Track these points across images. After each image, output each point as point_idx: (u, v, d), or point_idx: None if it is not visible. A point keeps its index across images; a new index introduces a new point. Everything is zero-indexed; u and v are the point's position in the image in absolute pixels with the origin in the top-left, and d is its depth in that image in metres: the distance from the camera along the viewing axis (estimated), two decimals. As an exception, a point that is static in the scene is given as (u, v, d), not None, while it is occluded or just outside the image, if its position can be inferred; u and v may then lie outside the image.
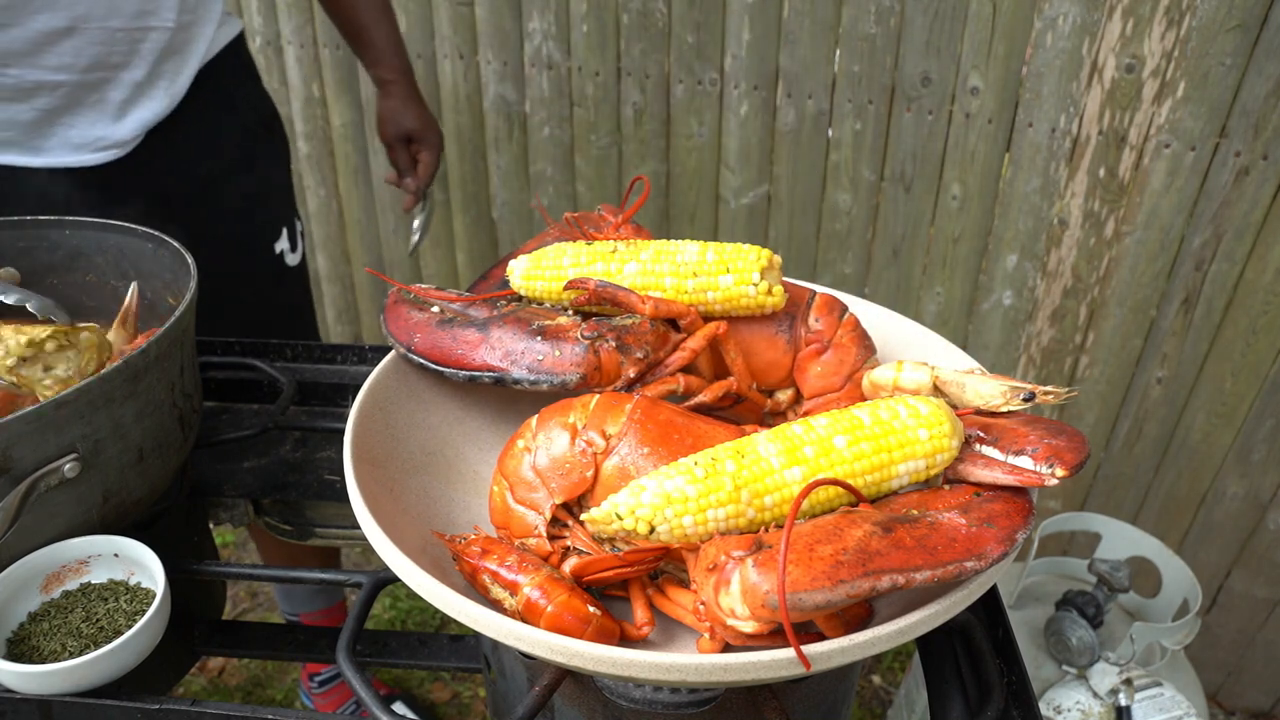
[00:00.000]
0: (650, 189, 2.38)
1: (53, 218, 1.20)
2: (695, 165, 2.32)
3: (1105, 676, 1.71)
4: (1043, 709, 1.73)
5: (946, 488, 0.78)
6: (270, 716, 0.86)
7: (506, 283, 1.04)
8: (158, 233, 1.16)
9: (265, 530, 1.32)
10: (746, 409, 0.98)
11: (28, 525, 0.88)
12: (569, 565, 0.80)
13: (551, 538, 0.82)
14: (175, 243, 1.13)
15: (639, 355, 0.89)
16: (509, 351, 0.90)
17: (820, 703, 0.86)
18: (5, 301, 1.13)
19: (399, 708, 2.26)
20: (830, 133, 2.14)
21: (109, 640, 0.86)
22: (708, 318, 0.94)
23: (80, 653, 0.86)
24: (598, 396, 0.86)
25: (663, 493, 0.72)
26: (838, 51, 2.04)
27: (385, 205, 2.80)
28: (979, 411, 0.83)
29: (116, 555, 0.95)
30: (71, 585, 0.94)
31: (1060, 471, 0.72)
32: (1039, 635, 1.82)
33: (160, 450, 1.01)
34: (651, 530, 0.72)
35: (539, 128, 2.45)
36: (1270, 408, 1.97)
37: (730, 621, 0.66)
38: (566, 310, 0.98)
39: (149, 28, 1.40)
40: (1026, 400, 0.81)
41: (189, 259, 1.09)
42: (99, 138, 1.42)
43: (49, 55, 1.33)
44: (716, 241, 0.95)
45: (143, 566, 0.94)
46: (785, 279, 0.98)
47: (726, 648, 0.72)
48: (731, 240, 0.97)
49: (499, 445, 0.91)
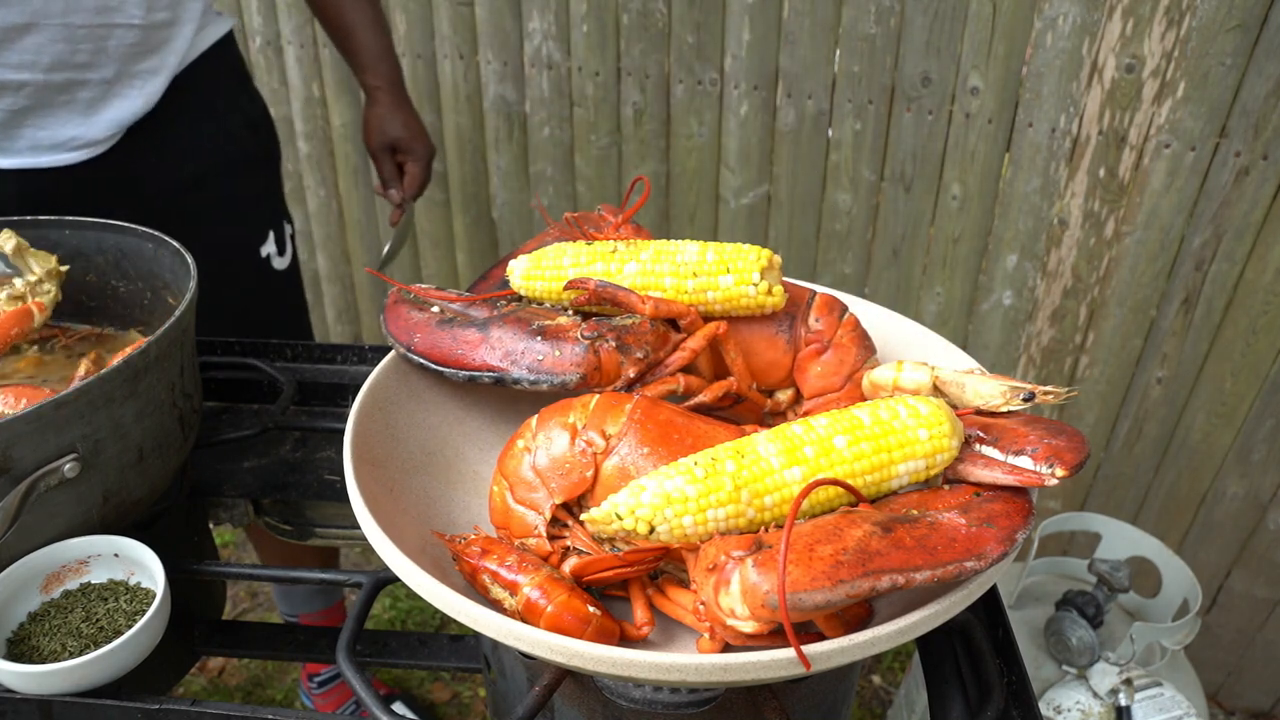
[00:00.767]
0: (650, 189, 2.38)
1: (52, 218, 1.20)
2: (695, 165, 2.32)
3: (1105, 676, 1.71)
4: (1043, 709, 1.73)
5: (946, 488, 0.78)
6: (270, 716, 0.86)
7: (506, 283, 1.04)
8: (157, 233, 1.16)
9: (264, 530, 1.32)
10: (746, 409, 0.98)
11: (28, 525, 0.88)
12: (569, 565, 0.80)
13: (551, 538, 0.82)
14: (175, 243, 1.13)
15: (639, 355, 0.89)
16: (509, 351, 0.90)
17: (820, 703, 0.86)
18: None
19: (399, 708, 2.26)
20: (830, 133, 2.14)
21: (109, 640, 0.86)
22: (708, 318, 0.94)
23: (80, 653, 0.86)
24: (598, 396, 0.86)
25: (663, 493, 0.72)
26: (838, 51, 2.04)
27: (385, 205, 2.80)
28: (979, 411, 0.83)
29: (116, 555, 0.95)
30: (71, 585, 0.94)
31: (1060, 471, 0.72)
32: (1039, 635, 1.82)
33: (160, 450, 1.01)
34: (651, 530, 0.72)
35: (539, 128, 2.45)
36: (1270, 408, 1.97)
37: (730, 621, 0.66)
38: (566, 310, 0.98)
39: (113, 25, 1.37)
40: (1026, 400, 0.81)
41: (189, 259, 1.09)
42: (71, 138, 1.40)
43: (9, 53, 1.30)
44: (716, 241, 0.95)
45: (143, 566, 0.94)
46: (785, 279, 0.98)
47: (726, 648, 0.72)
48: (731, 240, 0.97)
49: (499, 445, 0.91)
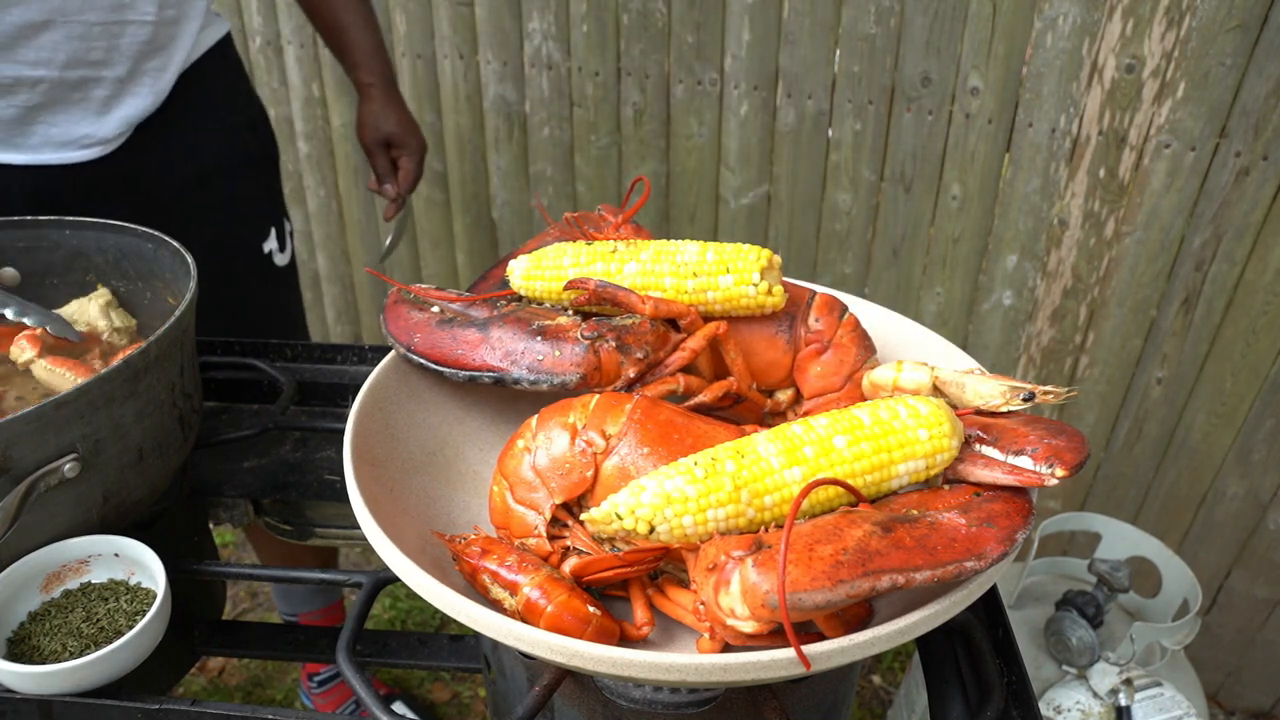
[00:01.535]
0: (650, 189, 2.38)
1: (53, 218, 1.20)
2: (695, 165, 2.32)
3: (1105, 676, 1.71)
4: (1043, 709, 1.73)
5: (946, 488, 0.78)
6: (270, 716, 0.86)
7: (506, 283, 1.04)
8: (157, 233, 1.16)
9: (263, 530, 1.32)
10: (746, 409, 0.98)
11: (28, 525, 0.88)
12: (569, 565, 0.80)
13: (551, 538, 0.82)
14: (175, 243, 1.13)
15: (639, 355, 0.89)
16: (509, 351, 0.90)
17: (820, 703, 0.86)
18: (5, 314, 1.13)
19: (399, 708, 2.26)
20: (830, 133, 2.14)
21: (109, 640, 0.86)
22: (708, 318, 0.94)
23: (80, 653, 0.86)
24: (598, 396, 0.86)
25: (663, 493, 0.72)
26: (838, 52, 2.04)
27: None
28: (979, 411, 0.83)
29: (117, 555, 0.95)
30: (72, 585, 0.94)
31: (1060, 471, 0.72)
32: (1039, 635, 1.82)
33: (160, 450, 1.01)
34: (651, 530, 0.72)
35: (539, 128, 2.45)
36: (1270, 408, 1.97)
37: (730, 621, 0.66)
38: (566, 310, 0.98)
39: (126, 22, 1.38)
40: (1026, 400, 0.81)
41: (189, 259, 1.09)
42: (83, 135, 1.41)
43: (26, 50, 1.31)
44: (716, 241, 0.95)
45: (143, 566, 0.94)
46: (785, 279, 0.98)
47: (726, 648, 0.72)
48: (731, 240, 0.97)
49: (499, 445, 0.91)
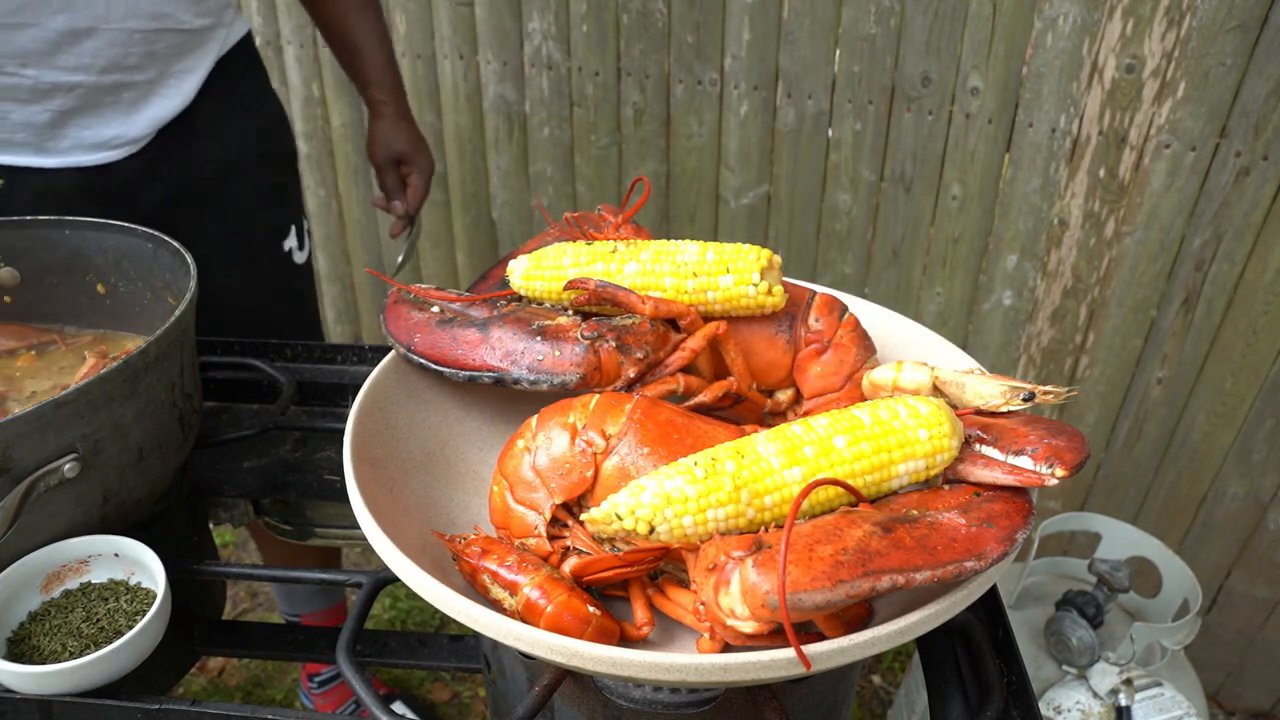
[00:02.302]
0: (650, 189, 2.38)
1: (52, 218, 1.20)
2: (695, 165, 2.32)
3: (1105, 676, 1.71)
4: (1043, 709, 1.73)
5: (946, 488, 0.78)
6: (270, 716, 0.86)
7: (506, 283, 1.04)
8: (157, 233, 1.16)
9: (265, 530, 1.32)
10: (746, 409, 0.98)
11: (28, 525, 0.88)
12: (569, 565, 0.80)
13: (551, 538, 0.82)
14: (175, 243, 1.13)
15: (639, 355, 0.89)
16: (509, 351, 0.90)
17: (820, 703, 0.86)
18: None
19: (399, 708, 2.26)
20: (830, 133, 2.14)
21: (109, 640, 0.86)
22: (708, 318, 0.94)
23: (80, 653, 0.86)
24: (598, 396, 0.86)
25: (663, 493, 0.72)
26: (838, 51, 2.04)
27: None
28: (979, 411, 0.83)
29: (117, 555, 0.95)
30: (72, 585, 0.94)
31: (1060, 471, 0.72)
32: (1039, 635, 1.82)
33: (160, 450, 1.01)
34: (651, 530, 0.72)
35: (539, 128, 2.45)
36: (1270, 408, 1.97)
37: (730, 622, 0.66)
38: (566, 310, 0.98)
39: (165, 29, 1.39)
40: (1026, 400, 0.81)
41: (189, 259, 1.09)
42: (113, 136, 1.42)
43: (67, 56, 1.32)
44: (716, 241, 0.95)
45: (143, 566, 0.94)
46: (785, 279, 0.98)
47: (726, 648, 0.72)
48: (731, 240, 0.97)
49: (499, 445, 0.91)
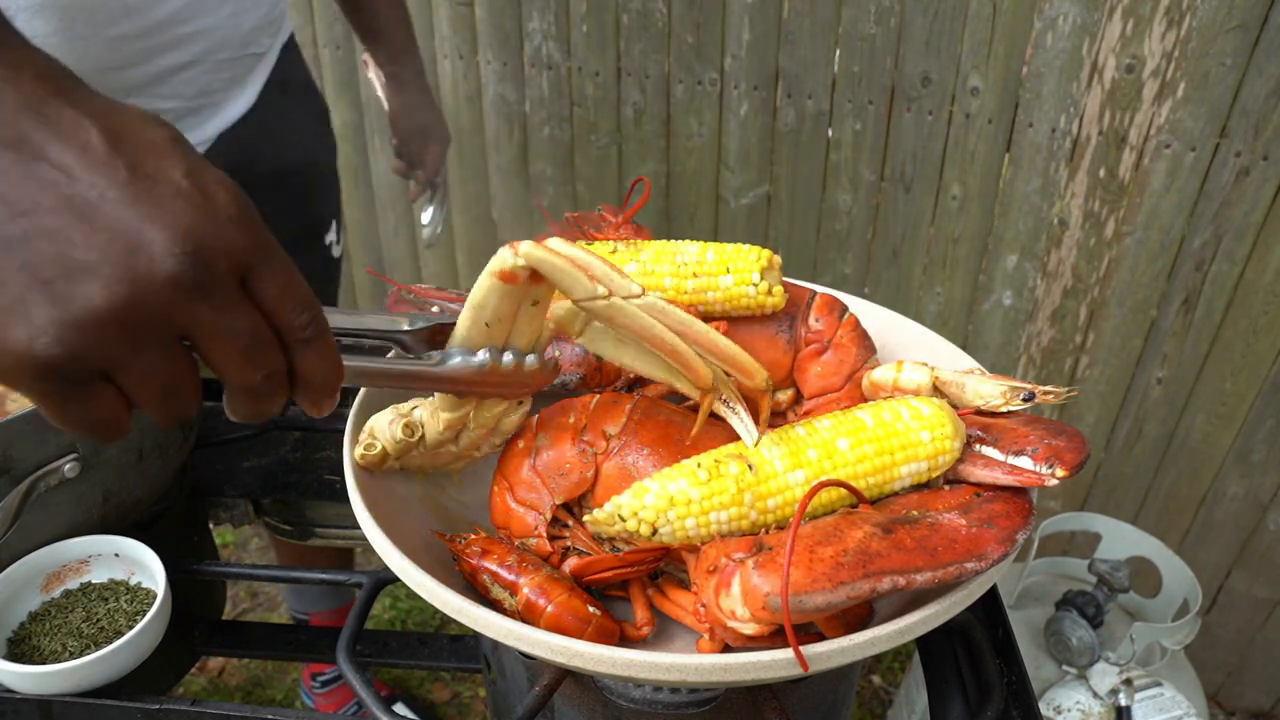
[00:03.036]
0: (650, 189, 2.38)
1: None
2: (695, 165, 2.32)
3: (1105, 676, 1.71)
4: (1043, 709, 1.73)
5: (946, 488, 0.78)
6: (270, 716, 0.86)
7: (507, 283, 1.04)
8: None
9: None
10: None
11: (28, 525, 0.88)
12: (569, 565, 0.80)
13: (551, 538, 0.82)
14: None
15: (639, 355, 0.89)
16: (509, 352, 0.90)
17: (820, 703, 0.86)
18: None
19: (399, 708, 2.26)
20: (830, 133, 2.14)
21: (109, 640, 0.86)
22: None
23: (81, 653, 0.86)
24: (598, 396, 0.86)
25: (666, 495, 0.72)
26: (838, 51, 2.04)
27: (385, 205, 2.80)
28: (979, 412, 0.83)
29: (117, 555, 0.95)
30: (72, 585, 0.94)
31: (1060, 472, 0.72)
32: (1039, 635, 1.82)
33: (160, 450, 1.01)
34: (654, 532, 0.72)
35: (539, 128, 2.45)
36: (1270, 408, 1.97)
37: (730, 623, 0.66)
38: (567, 310, 0.98)
39: (249, 55, 1.46)
40: (1026, 400, 0.81)
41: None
42: None
43: (166, 86, 1.36)
44: (716, 241, 0.95)
45: (143, 566, 0.94)
46: (785, 279, 0.98)
47: (726, 648, 0.72)
48: (731, 240, 0.97)
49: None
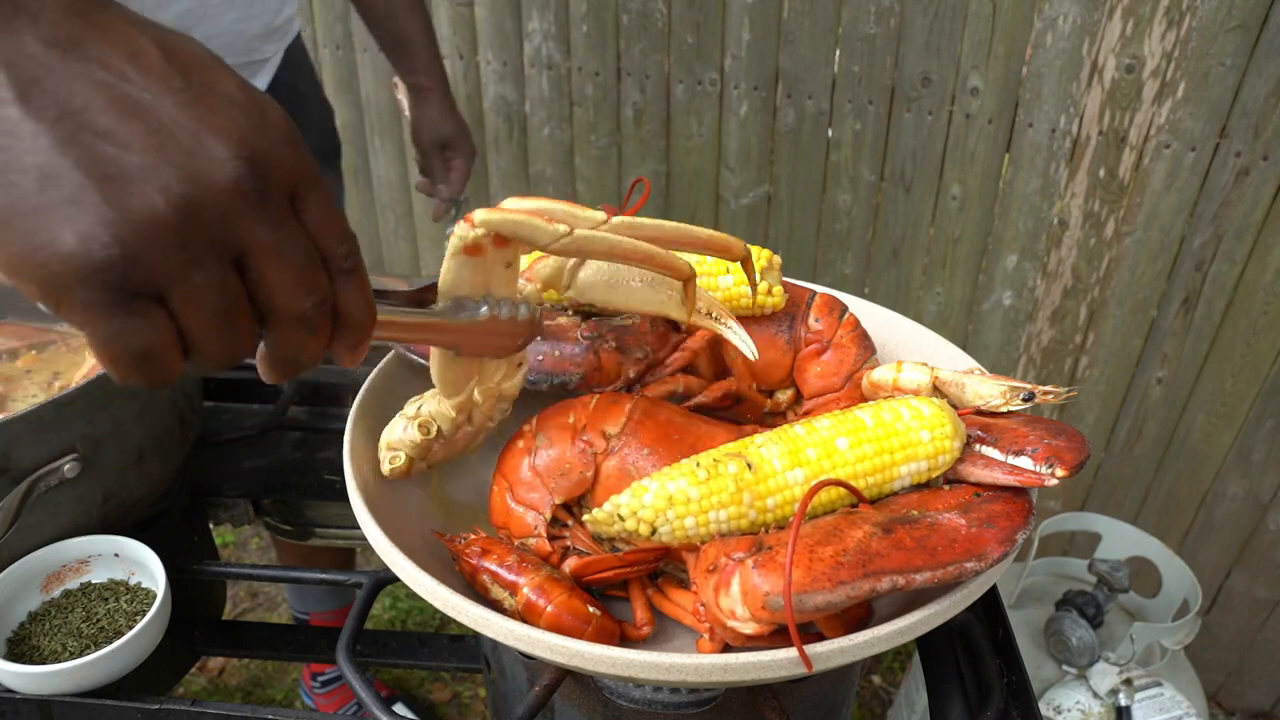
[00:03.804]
0: (650, 189, 2.38)
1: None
2: (695, 165, 2.32)
3: (1105, 676, 1.71)
4: (1043, 709, 1.73)
5: (946, 488, 0.78)
6: (270, 716, 0.86)
7: (506, 283, 1.04)
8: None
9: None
10: (746, 409, 0.98)
11: (28, 525, 0.88)
12: (569, 565, 0.80)
13: (551, 538, 0.82)
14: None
15: (639, 355, 0.89)
16: (509, 352, 0.90)
17: (820, 703, 0.86)
18: None
19: (399, 708, 2.26)
20: (830, 133, 2.14)
21: (109, 640, 0.86)
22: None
23: (81, 653, 0.86)
24: (598, 396, 0.86)
25: (665, 494, 0.72)
26: (837, 52, 2.04)
27: (385, 205, 2.80)
28: (979, 412, 0.83)
29: (117, 555, 0.95)
30: (72, 585, 0.94)
31: (1060, 471, 0.72)
32: (1039, 635, 1.82)
33: (160, 450, 1.01)
34: (653, 531, 0.72)
35: (539, 128, 2.45)
36: (1270, 408, 1.97)
37: (730, 623, 0.66)
38: (566, 310, 0.98)
39: (253, 61, 1.46)
40: (1026, 400, 0.81)
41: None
42: None
43: None
44: (717, 242, 0.95)
45: (143, 566, 0.94)
46: (785, 279, 0.98)
47: (726, 648, 0.72)
48: (732, 240, 0.97)
49: (498, 445, 0.91)
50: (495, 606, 0.76)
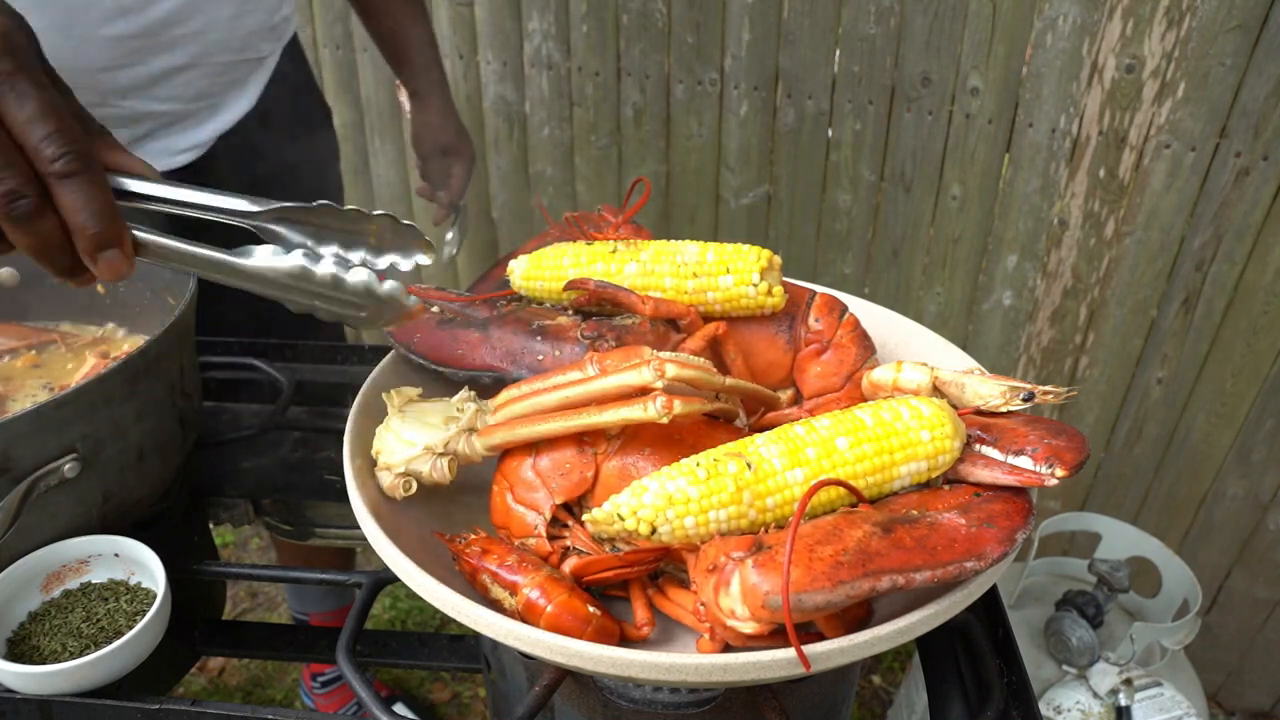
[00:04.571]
0: (650, 189, 2.38)
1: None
2: (695, 165, 2.32)
3: (1105, 676, 1.71)
4: (1043, 709, 1.73)
5: (946, 488, 0.78)
6: (270, 716, 0.86)
7: (506, 283, 1.04)
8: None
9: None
10: (750, 408, 0.98)
11: (28, 525, 0.88)
12: (569, 565, 0.80)
13: (551, 538, 0.82)
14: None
15: (639, 355, 0.89)
16: (509, 351, 0.90)
17: (820, 703, 0.86)
18: None
19: (399, 708, 2.26)
20: (830, 133, 2.14)
21: (109, 640, 0.86)
22: (708, 318, 0.94)
23: (81, 653, 0.86)
24: (598, 396, 0.86)
25: (665, 494, 0.72)
26: (837, 52, 2.04)
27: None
28: (979, 412, 0.83)
29: (117, 555, 0.95)
30: (72, 585, 0.94)
31: (1060, 471, 0.72)
32: (1039, 635, 1.82)
33: (160, 450, 1.01)
34: (653, 531, 0.72)
35: (539, 128, 2.45)
36: (1270, 408, 1.97)
37: (730, 622, 0.66)
38: (566, 310, 0.98)
39: (248, 59, 1.46)
40: (1026, 400, 0.81)
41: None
42: (187, 146, 1.46)
43: (162, 89, 1.36)
44: (716, 242, 0.95)
45: (143, 566, 0.94)
46: (785, 279, 0.98)
47: (726, 648, 0.72)
48: (731, 240, 0.97)
49: (499, 445, 0.91)
50: (495, 606, 0.76)
